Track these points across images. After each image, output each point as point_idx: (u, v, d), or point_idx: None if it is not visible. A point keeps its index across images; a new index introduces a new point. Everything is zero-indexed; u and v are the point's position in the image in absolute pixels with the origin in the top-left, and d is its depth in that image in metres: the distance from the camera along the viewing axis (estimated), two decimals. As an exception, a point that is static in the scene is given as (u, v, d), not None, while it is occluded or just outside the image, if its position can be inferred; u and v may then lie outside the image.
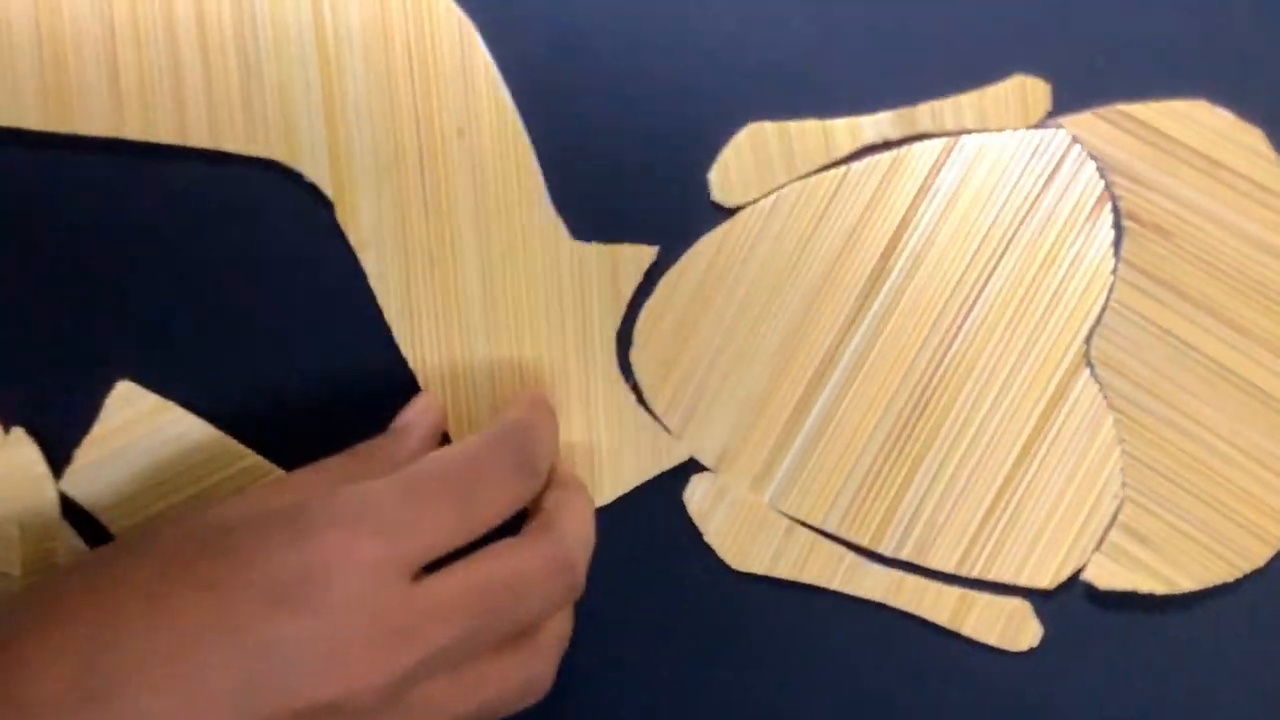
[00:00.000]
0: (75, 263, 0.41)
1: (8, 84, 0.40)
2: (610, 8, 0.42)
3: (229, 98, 0.40)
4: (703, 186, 0.43)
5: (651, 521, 0.43)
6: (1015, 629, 0.43)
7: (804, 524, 0.43)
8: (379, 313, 0.41)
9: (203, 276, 0.42)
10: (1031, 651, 0.44)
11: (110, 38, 0.40)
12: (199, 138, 0.40)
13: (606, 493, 0.43)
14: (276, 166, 0.41)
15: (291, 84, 0.40)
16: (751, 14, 0.42)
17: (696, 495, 0.43)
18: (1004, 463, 0.43)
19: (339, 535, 0.32)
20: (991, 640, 0.43)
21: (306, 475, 0.38)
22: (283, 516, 0.33)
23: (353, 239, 0.41)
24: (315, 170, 0.41)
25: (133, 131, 0.40)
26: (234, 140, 0.40)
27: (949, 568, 0.43)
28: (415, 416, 0.41)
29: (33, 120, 0.40)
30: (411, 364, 0.42)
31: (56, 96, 0.40)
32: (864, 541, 0.43)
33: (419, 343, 0.42)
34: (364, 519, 0.33)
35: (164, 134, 0.40)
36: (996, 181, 0.42)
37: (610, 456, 0.43)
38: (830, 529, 0.43)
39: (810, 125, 0.42)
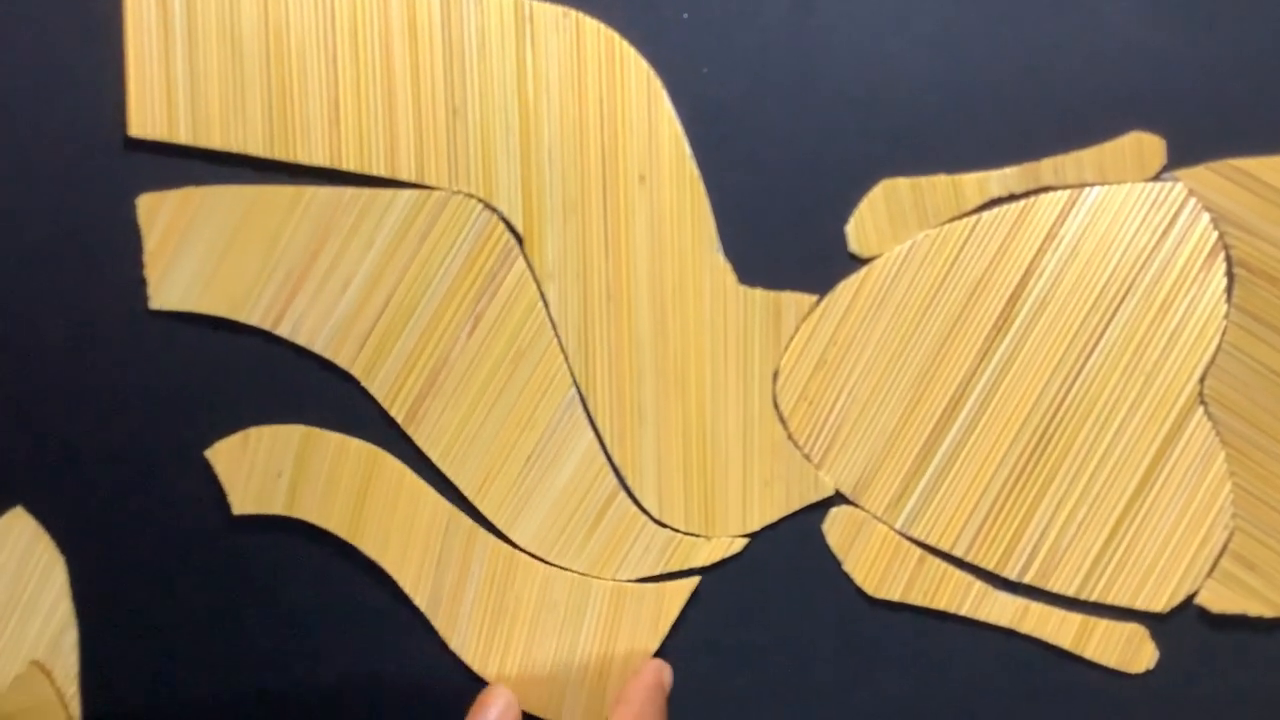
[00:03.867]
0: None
1: (238, 113, 0.47)
2: (761, 81, 0.48)
3: (435, 137, 0.47)
4: (840, 239, 0.49)
5: (795, 551, 0.50)
6: (1133, 652, 0.50)
7: (934, 550, 0.50)
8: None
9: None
10: (1148, 673, 0.50)
11: (333, 77, 0.47)
12: (407, 173, 0.47)
13: (757, 521, 0.49)
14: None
15: (493, 127, 0.47)
16: (886, 80, 0.48)
17: (836, 527, 0.50)
18: (1123, 494, 0.49)
19: None
20: (1111, 663, 0.50)
21: None
22: None
23: (537, 271, 0.48)
24: (509, 206, 0.48)
25: (349, 164, 0.47)
26: (437, 177, 0.47)
27: (1069, 592, 0.50)
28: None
29: (258, 147, 0.47)
30: (583, 393, 0.49)
31: (282, 127, 0.47)
32: (990, 565, 0.50)
33: (591, 374, 0.49)
34: None
35: (376, 168, 0.47)
36: (1117, 231, 0.49)
37: (762, 488, 0.49)
38: (959, 554, 0.50)
39: (940, 180, 0.49)
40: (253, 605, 0.50)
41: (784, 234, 0.48)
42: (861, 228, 0.48)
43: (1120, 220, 0.48)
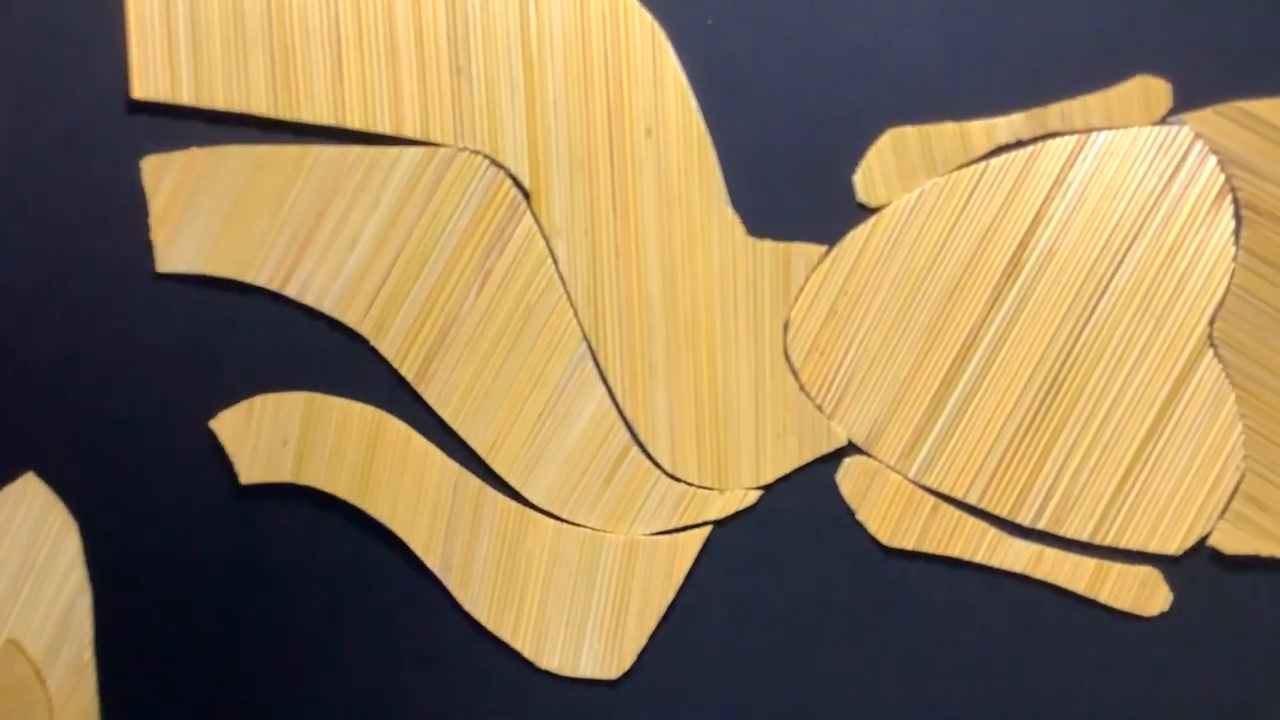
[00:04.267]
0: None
1: (241, 73, 0.47)
2: (767, 32, 0.48)
3: (440, 94, 0.47)
4: (848, 188, 0.49)
5: (808, 502, 0.50)
6: (1147, 595, 0.51)
7: (947, 497, 0.50)
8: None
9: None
10: (1162, 615, 0.50)
11: (335, 35, 0.47)
12: (412, 130, 0.47)
13: (770, 473, 0.50)
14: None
15: (498, 83, 0.47)
16: (892, 29, 0.49)
17: (849, 477, 0.50)
18: (1135, 437, 0.50)
19: None
20: (1125, 606, 0.50)
21: None
22: None
23: (545, 228, 0.48)
24: (515, 162, 0.48)
25: (353, 122, 0.47)
26: (443, 134, 0.47)
27: (1083, 537, 0.50)
28: None
29: (262, 107, 0.47)
30: (594, 349, 0.49)
31: (285, 86, 0.47)
32: (1003, 513, 0.50)
33: (601, 329, 0.49)
34: None
35: (381, 125, 0.47)
36: (1124, 176, 0.49)
37: (775, 439, 0.50)
38: (972, 501, 0.50)
39: (948, 128, 0.49)
40: (264, 572, 0.50)
41: (792, 185, 0.48)
42: (869, 177, 0.48)
43: (1127, 165, 0.48)
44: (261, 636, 0.50)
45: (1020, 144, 0.49)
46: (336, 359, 0.49)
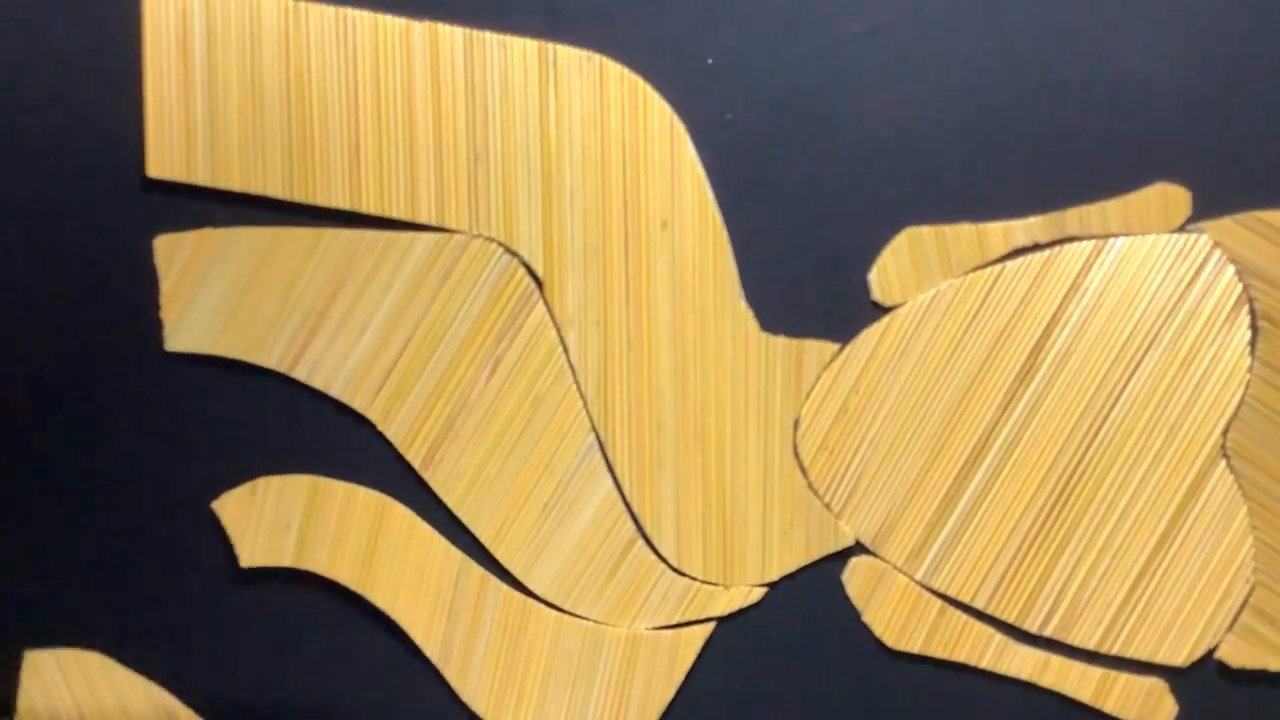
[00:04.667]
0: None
1: (258, 155, 0.47)
2: (785, 127, 0.48)
3: (457, 180, 0.47)
4: (863, 285, 0.49)
5: (814, 600, 0.50)
6: (1153, 706, 0.50)
7: (955, 601, 0.50)
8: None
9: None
10: (1166, 727, 0.50)
11: (354, 119, 0.47)
12: (428, 215, 0.47)
13: (776, 571, 0.50)
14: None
15: (515, 171, 0.47)
16: (910, 127, 0.49)
17: (856, 577, 0.50)
18: (1145, 547, 0.49)
19: None
20: (1131, 717, 0.50)
21: None
22: None
23: (557, 317, 0.48)
24: (530, 250, 0.48)
25: (369, 207, 0.48)
26: (458, 220, 0.47)
27: (1090, 645, 0.50)
28: None
29: (278, 189, 0.47)
30: (602, 440, 0.49)
31: (301, 169, 0.47)
32: (1011, 618, 0.50)
33: (610, 420, 0.49)
34: None
35: (396, 211, 0.47)
36: (1141, 282, 0.49)
37: (782, 536, 0.50)
38: (980, 605, 0.50)
39: (965, 229, 0.49)
40: (263, 656, 0.49)
41: (806, 281, 0.48)
42: (885, 276, 0.48)
43: (1145, 271, 0.48)
44: (262, 718, 0.50)
45: (1037, 247, 0.48)
46: (343, 443, 0.49)
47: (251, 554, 0.48)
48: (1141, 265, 0.48)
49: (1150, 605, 0.49)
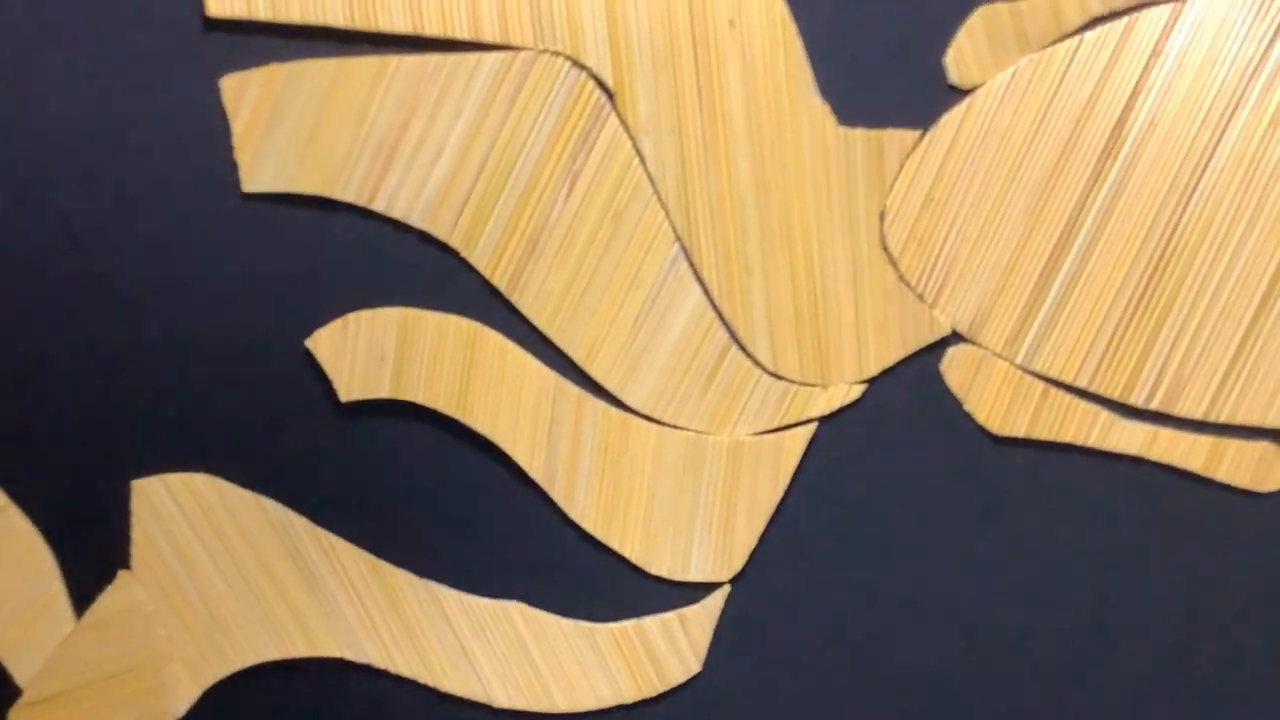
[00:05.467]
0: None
1: None
2: None
3: (518, -4, 0.48)
4: (939, 69, 0.48)
5: (914, 393, 0.50)
6: (1265, 470, 0.51)
7: (1056, 382, 0.50)
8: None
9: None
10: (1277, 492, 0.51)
11: None
12: (491, 34, 0.48)
13: (873, 366, 0.50)
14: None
15: (576, -19, 0.48)
16: None
17: (954, 366, 0.50)
18: (1246, 311, 0.50)
19: None
20: (1243, 483, 0.51)
21: None
22: None
23: (631, 127, 0.48)
24: (598, 62, 0.48)
25: (432, 29, 0.49)
26: (522, 36, 0.48)
27: (1197, 415, 0.50)
28: None
29: (339, 19, 0.49)
30: (687, 249, 0.50)
31: None
32: (1115, 395, 0.50)
33: (694, 228, 0.49)
34: None
35: (459, 31, 0.48)
36: (1222, 43, 0.49)
37: (877, 331, 0.50)
38: (1082, 384, 0.50)
39: (1040, 2, 0.49)
40: (368, 488, 0.50)
41: (881, 69, 0.48)
42: (961, 57, 0.48)
43: (1225, 32, 0.48)
44: (371, 552, 0.50)
45: (1115, 15, 0.48)
46: (428, 272, 0.49)
47: (349, 388, 0.49)
48: (1221, 25, 0.48)
49: (1256, 368, 0.49)
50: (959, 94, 0.51)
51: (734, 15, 0.50)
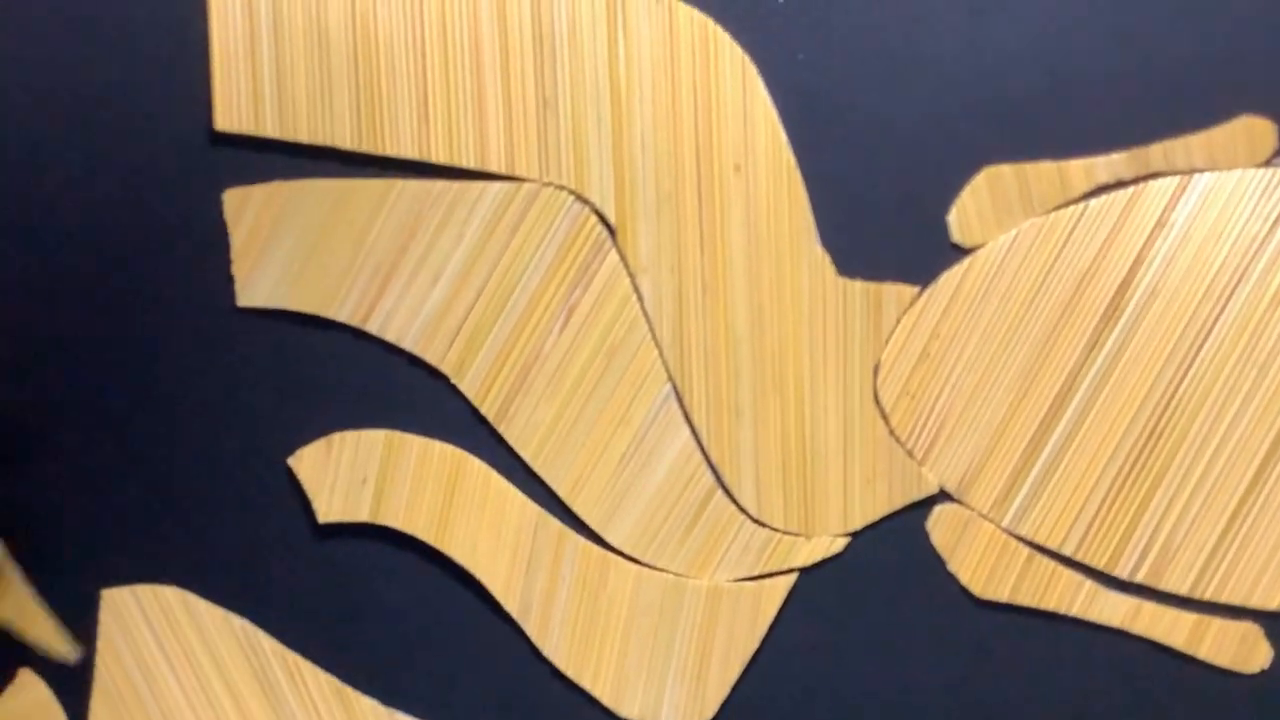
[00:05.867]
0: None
1: (325, 105, 0.47)
2: (859, 65, 0.49)
3: (526, 128, 0.47)
4: (942, 226, 0.48)
5: (897, 550, 0.50)
6: (1247, 651, 0.50)
7: (1042, 548, 0.49)
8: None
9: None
10: (1262, 673, 0.50)
11: (421, 67, 0.49)
12: (497, 164, 0.48)
13: (858, 520, 0.50)
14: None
15: (584, 117, 0.48)
16: (989, 62, 0.49)
17: (940, 525, 0.50)
18: (1237, 488, 0.49)
19: None
20: (1224, 663, 0.50)
21: None
22: None
23: (630, 264, 0.48)
24: (601, 197, 0.48)
25: (438, 156, 0.49)
26: (528, 168, 0.48)
27: (1183, 591, 0.50)
28: None
29: (346, 140, 0.49)
30: (679, 390, 0.50)
31: (369, 119, 0.48)
32: (1101, 564, 0.50)
33: (687, 368, 0.49)
34: None
35: (466, 160, 0.48)
36: (1228, 219, 0.49)
37: (864, 485, 0.49)
38: (1068, 552, 0.50)
39: (1046, 167, 0.49)
40: (340, 611, 0.50)
41: (883, 223, 0.48)
42: (964, 216, 0.48)
43: (1231, 207, 0.48)
44: (338, 675, 0.50)
45: (1121, 184, 0.48)
46: (417, 396, 0.49)
47: (329, 509, 0.49)
48: (1228, 201, 0.48)
49: (1244, 548, 0.49)
50: (960, 251, 0.51)
51: (740, 160, 0.50)
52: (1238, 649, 0.52)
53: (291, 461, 0.51)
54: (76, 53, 0.50)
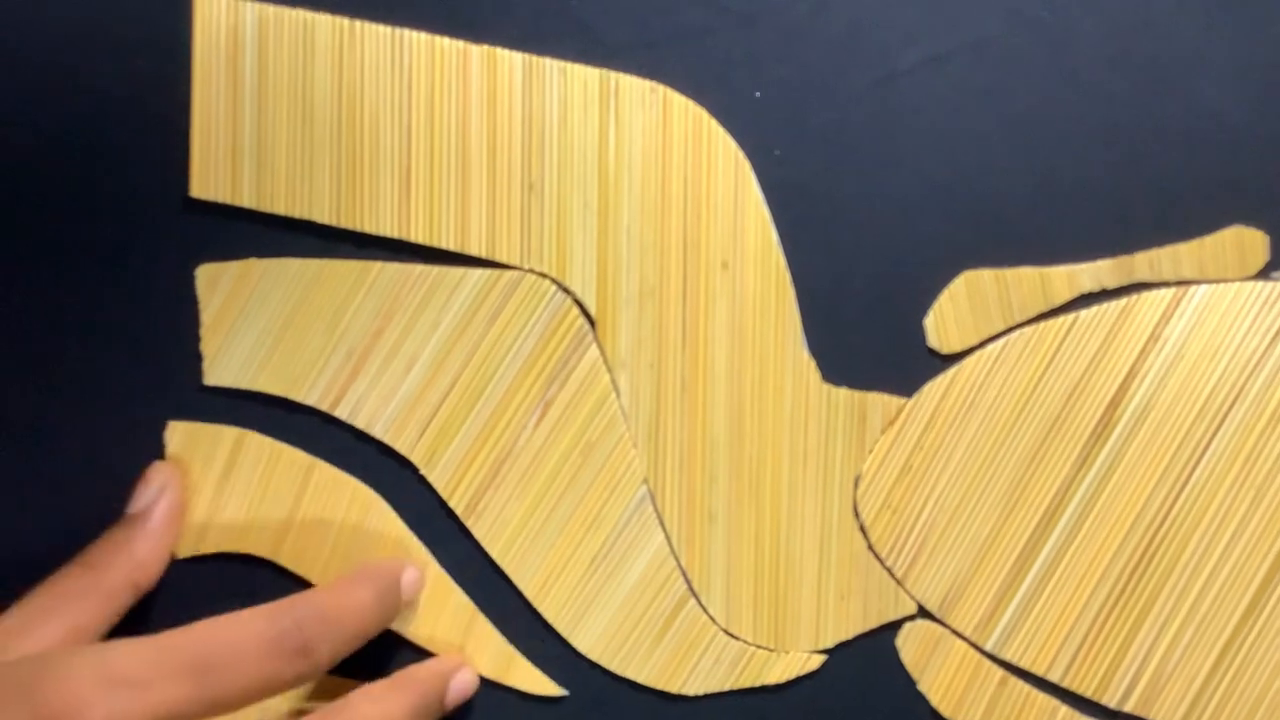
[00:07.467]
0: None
1: (305, 178, 0.47)
2: (832, 155, 0.49)
3: (510, 211, 0.47)
4: (919, 332, 0.48)
5: (864, 667, 0.48)
6: (1240, 788, 0.48)
7: (1027, 674, 0.48)
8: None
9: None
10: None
11: (405, 144, 0.49)
12: (478, 246, 0.47)
13: (829, 638, 0.48)
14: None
15: (570, 204, 0.47)
16: (970, 164, 0.49)
17: (910, 642, 0.48)
18: (1231, 616, 0.48)
19: (74, 701, 0.36)
20: (1213, 801, 0.48)
21: (41, 605, 0.45)
22: (16, 679, 0.35)
23: (609, 359, 0.47)
24: (582, 288, 0.47)
25: (418, 236, 0.49)
26: (509, 252, 0.47)
27: (1173, 722, 0.48)
28: (152, 497, 0.49)
29: (324, 215, 0.49)
30: (652, 491, 0.49)
31: (349, 194, 0.47)
32: (1088, 693, 0.48)
33: (661, 469, 0.48)
34: (100, 686, 0.35)
35: (446, 241, 0.48)
36: (1225, 334, 0.48)
37: (838, 601, 0.48)
38: (1054, 679, 0.48)
39: (1027, 273, 0.48)
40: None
41: (863, 327, 0.47)
42: (942, 322, 0.47)
43: (1228, 322, 0.47)
44: None
45: (1105, 293, 0.48)
46: (384, 486, 0.47)
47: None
48: (1225, 315, 0.47)
49: (1238, 679, 0.47)
50: (948, 360, 0.50)
51: (729, 257, 0.49)
52: (1230, 788, 0.50)
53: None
54: (51, 111, 0.49)
